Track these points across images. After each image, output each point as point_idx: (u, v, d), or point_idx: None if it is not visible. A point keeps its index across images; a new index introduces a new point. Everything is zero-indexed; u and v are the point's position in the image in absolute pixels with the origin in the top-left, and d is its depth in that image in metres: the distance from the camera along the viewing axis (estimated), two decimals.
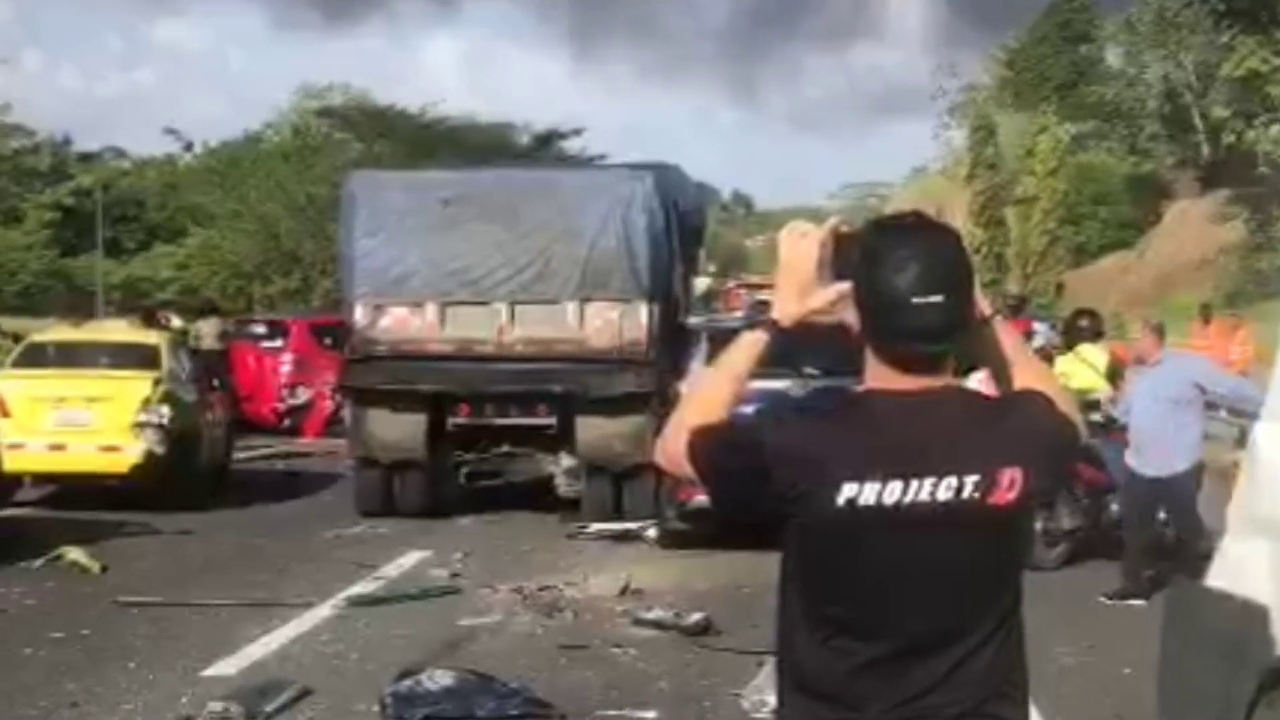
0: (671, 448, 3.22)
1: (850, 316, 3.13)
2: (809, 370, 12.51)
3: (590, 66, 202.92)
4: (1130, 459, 11.77)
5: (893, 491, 3.00)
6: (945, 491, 3.01)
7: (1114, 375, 13.55)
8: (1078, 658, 9.81)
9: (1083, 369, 13.49)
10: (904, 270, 3.02)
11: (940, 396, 3.07)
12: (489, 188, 16.37)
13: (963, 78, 64.71)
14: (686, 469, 3.21)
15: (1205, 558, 11.45)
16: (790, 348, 3.28)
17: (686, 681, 9.14)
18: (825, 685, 3.13)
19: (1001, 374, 3.34)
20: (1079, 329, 14.08)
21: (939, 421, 3.05)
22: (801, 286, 3.20)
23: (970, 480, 3.02)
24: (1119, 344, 15.54)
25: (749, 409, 3.20)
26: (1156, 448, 11.56)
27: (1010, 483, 3.04)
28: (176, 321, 22.42)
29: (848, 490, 2.99)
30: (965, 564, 3.07)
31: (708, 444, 3.16)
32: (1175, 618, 6.34)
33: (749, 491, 3.15)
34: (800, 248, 3.20)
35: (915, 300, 3.01)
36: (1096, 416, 13.22)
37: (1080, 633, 10.51)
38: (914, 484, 3.00)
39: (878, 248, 3.10)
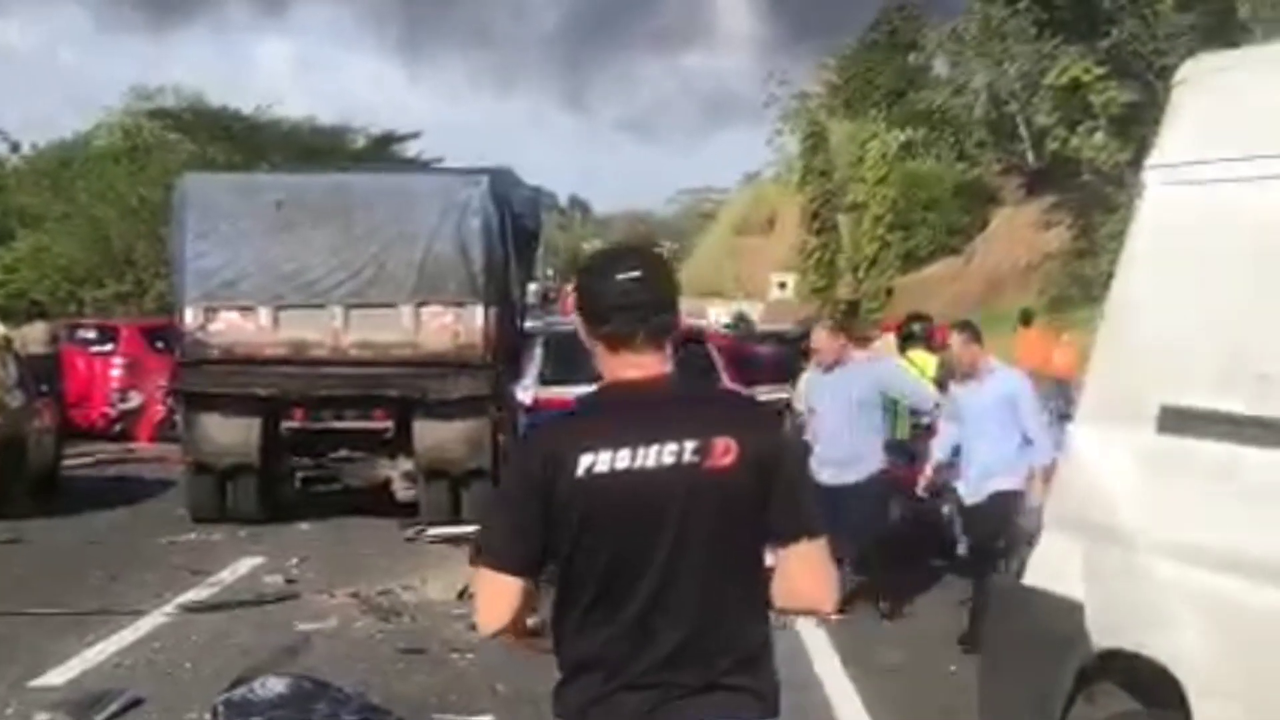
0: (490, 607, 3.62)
1: (580, 332, 3.65)
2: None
3: (424, 72, 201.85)
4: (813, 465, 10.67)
5: (623, 458, 3.45)
6: (669, 456, 3.46)
7: (943, 380, 13.78)
8: (903, 656, 10.03)
9: (914, 374, 13.68)
10: (609, 263, 3.65)
11: (661, 382, 3.58)
12: (322, 191, 16.31)
13: (794, 85, 65.37)
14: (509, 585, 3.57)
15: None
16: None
17: (523, 683, 9.14)
18: (588, 656, 3.53)
19: None
20: (911, 334, 14.23)
21: (660, 400, 3.55)
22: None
23: (689, 445, 3.47)
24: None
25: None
26: (836, 454, 10.93)
27: (725, 449, 3.48)
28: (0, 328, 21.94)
29: (585, 461, 3.45)
30: (696, 527, 3.48)
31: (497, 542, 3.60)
32: (995, 615, 6.54)
33: (540, 513, 3.51)
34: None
35: (619, 277, 3.57)
36: (927, 420, 13.48)
37: (905, 631, 10.76)
38: (641, 450, 3.46)
39: (589, 263, 3.79)
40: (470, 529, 14.98)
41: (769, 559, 3.64)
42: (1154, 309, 5.62)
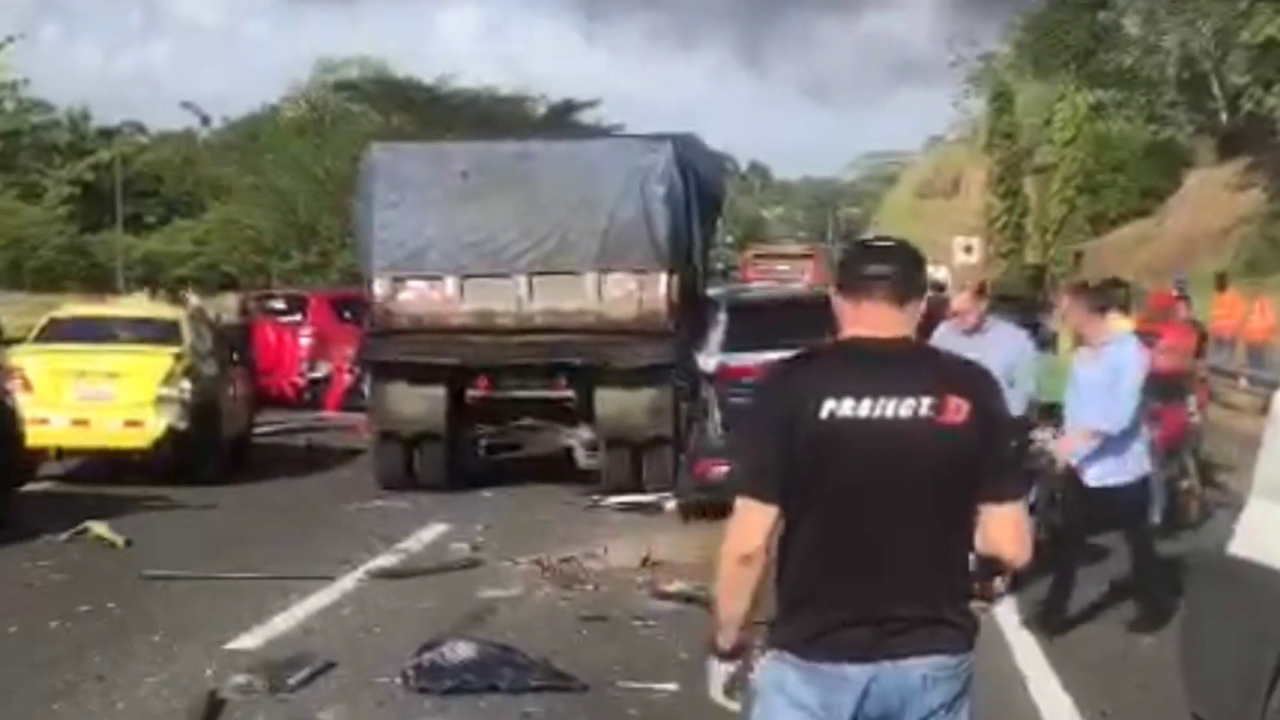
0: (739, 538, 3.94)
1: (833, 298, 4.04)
2: (801, 341, 12.52)
3: (603, 36, 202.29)
4: None
5: (863, 406, 3.79)
6: (905, 409, 3.81)
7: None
8: (1096, 628, 9.79)
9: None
10: (867, 240, 4.26)
11: (899, 341, 3.93)
12: (507, 159, 16.31)
13: (981, 45, 64.41)
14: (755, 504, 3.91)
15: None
16: (780, 323, 3.87)
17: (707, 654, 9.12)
18: (813, 591, 3.87)
19: None
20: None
21: (901, 359, 3.90)
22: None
23: (925, 401, 3.82)
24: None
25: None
26: None
27: (958, 408, 3.82)
28: (194, 299, 22.50)
29: (828, 405, 3.80)
30: (925, 476, 3.83)
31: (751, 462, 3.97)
32: (1197, 590, 6.35)
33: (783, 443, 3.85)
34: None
35: (874, 243, 4.13)
36: None
37: (1100, 606, 10.48)
38: (880, 401, 3.80)
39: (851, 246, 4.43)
40: (653, 497, 14.99)
41: None
42: None
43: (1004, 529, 3.93)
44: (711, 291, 18.06)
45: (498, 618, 10.07)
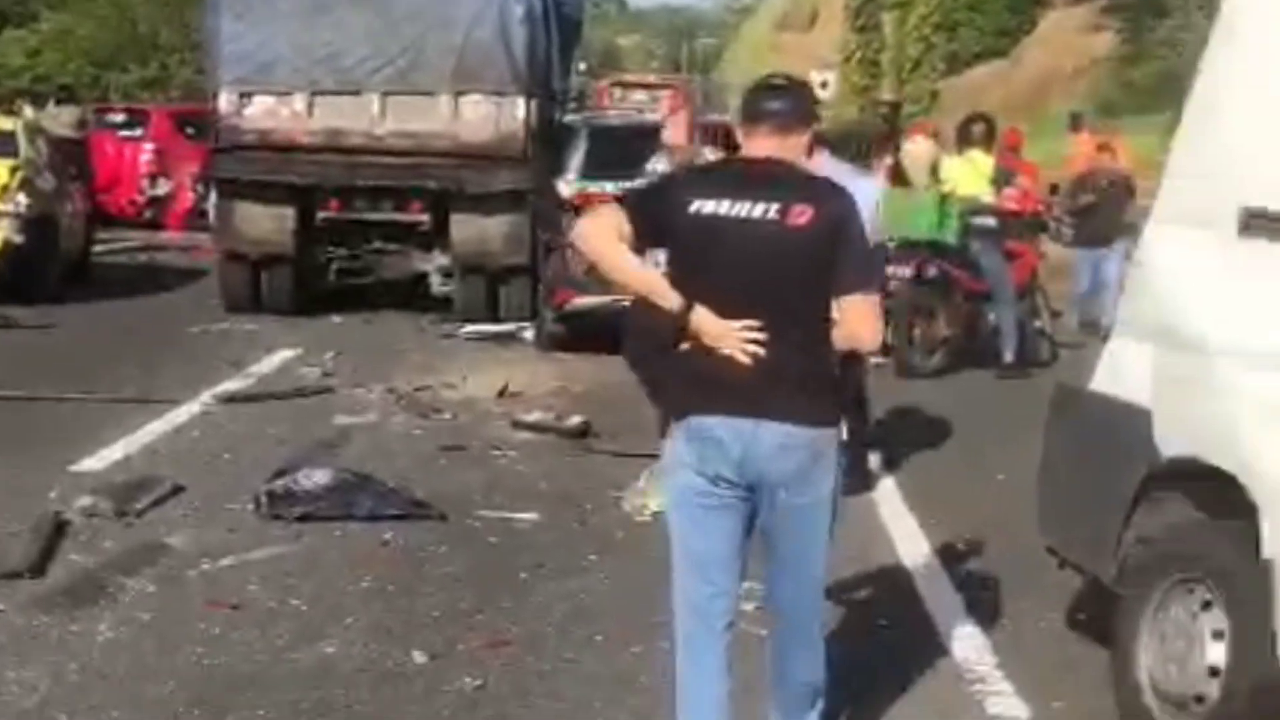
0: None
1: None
2: None
3: None
4: None
5: (722, 206, 4.48)
6: (756, 211, 4.47)
7: (999, 181, 13.46)
8: (950, 465, 9.88)
9: (971, 173, 13.40)
10: (766, 79, 4.82)
11: (771, 162, 4.58)
12: None
13: None
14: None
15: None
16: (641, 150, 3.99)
17: (566, 484, 9.07)
18: (685, 365, 4.53)
19: None
20: (971, 134, 13.78)
21: (768, 175, 4.56)
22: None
23: (773, 207, 4.47)
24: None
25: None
26: None
27: (801, 213, 4.45)
28: (29, 111, 21.66)
29: (696, 204, 4.50)
30: (769, 269, 4.45)
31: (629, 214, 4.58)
32: (1057, 422, 6.36)
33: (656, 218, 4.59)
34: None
35: (767, 81, 4.77)
36: (988, 221, 13.20)
37: (951, 439, 10.59)
38: (736, 204, 4.48)
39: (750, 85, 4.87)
40: (510, 327, 14.84)
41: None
42: (1238, 107, 5.39)
43: (854, 316, 4.50)
44: (570, 117, 17.74)
45: (352, 446, 9.89)
